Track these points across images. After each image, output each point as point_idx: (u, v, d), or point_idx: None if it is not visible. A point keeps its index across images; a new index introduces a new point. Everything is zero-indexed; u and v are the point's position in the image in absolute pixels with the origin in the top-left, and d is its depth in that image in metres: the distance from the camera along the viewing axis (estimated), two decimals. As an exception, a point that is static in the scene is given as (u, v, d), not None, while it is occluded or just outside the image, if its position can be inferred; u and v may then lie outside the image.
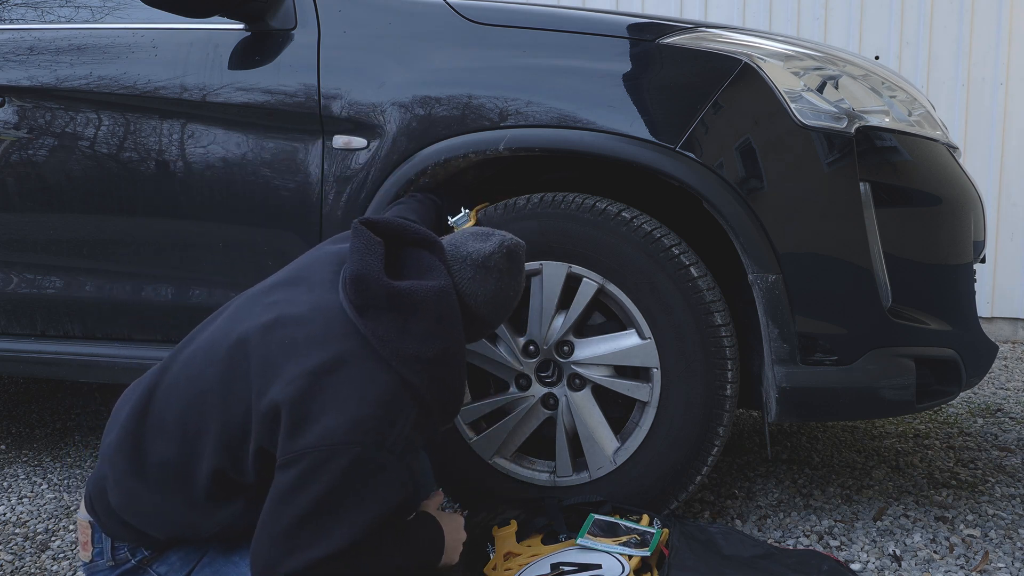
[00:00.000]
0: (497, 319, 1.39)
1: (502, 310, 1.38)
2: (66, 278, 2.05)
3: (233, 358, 1.22)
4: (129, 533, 1.30)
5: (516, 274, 1.39)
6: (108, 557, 1.32)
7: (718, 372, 1.65)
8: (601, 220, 1.66)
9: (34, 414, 2.92)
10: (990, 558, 1.73)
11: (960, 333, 1.74)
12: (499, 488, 1.80)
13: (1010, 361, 3.66)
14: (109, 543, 1.32)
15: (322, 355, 1.18)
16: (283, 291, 1.30)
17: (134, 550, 1.31)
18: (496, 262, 1.34)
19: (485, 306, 1.34)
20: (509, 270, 1.36)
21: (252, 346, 1.21)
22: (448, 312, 1.27)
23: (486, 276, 1.33)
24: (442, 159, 1.72)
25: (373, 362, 1.19)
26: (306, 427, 1.14)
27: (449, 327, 1.27)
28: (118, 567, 1.31)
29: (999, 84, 3.98)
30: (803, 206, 1.62)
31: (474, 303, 1.33)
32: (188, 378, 1.26)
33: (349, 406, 1.15)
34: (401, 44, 1.79)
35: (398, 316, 1.22)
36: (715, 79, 1.63)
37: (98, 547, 1.33)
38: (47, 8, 2.13)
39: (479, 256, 1.33)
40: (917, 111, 1.84)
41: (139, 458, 1.27)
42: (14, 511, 2.06)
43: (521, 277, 1.41)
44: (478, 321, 1.36)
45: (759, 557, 1.59)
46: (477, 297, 1.33)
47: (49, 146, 2.00)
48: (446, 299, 1.27)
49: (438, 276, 1.29)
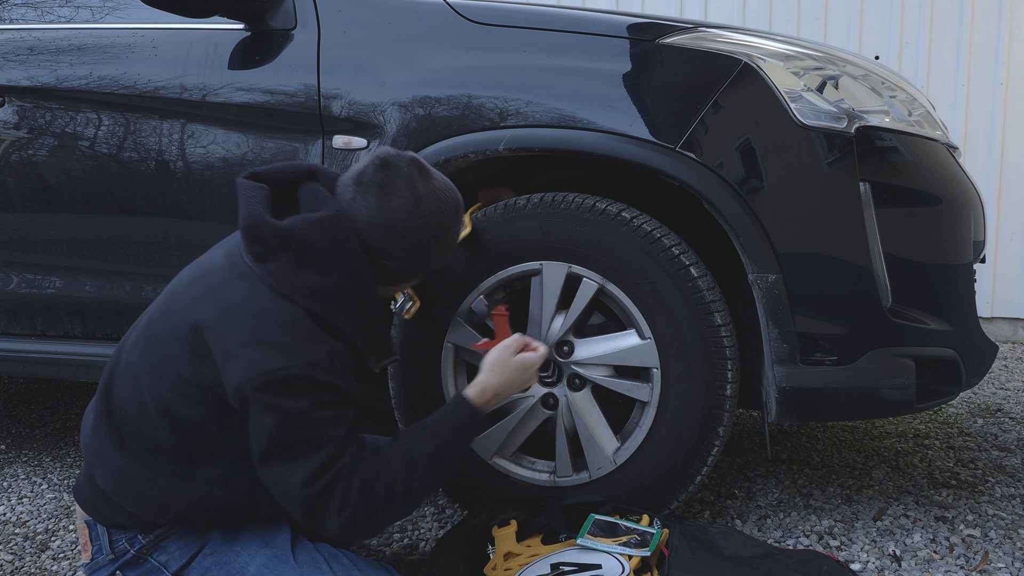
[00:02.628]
0: (399, 248, 1.30)
1: (396, 236, 1.29)
2: (66, 278, 2.05)
3: (166, 314, 1.29)
4: (124, 517, 1.31)
5: (399, 189, 1.28)
6: (107, 551, 1.33)
7: (718, 372, 1.65)
8: (601, 220, 1.66)
9: (34, 414, 2.92)
10: (990, 558, 1.73)
11: (960, 333, 1.74)
12: (499, 488, 1.80)
13: (1010, 361, 3.66)
14: (107, 537, 1.33)
15: (235, 296, 1.22)
16: (206, 256, 1.36)
17: (132, 540, 1.32)
18: (369, 176, 1.28)
19: (374, 230, 1.28)
20: (389, 184, 1.28)
21: (178, 302, 1.27)
22: (340, 238, 1.25)
23: (365, 194, 1.28)
24: (442, 159, 1.72)
25: (281, 301, 1.22)
26: (234, 363, 1.18)
27: (344, 254, 1.25)
28: (118, 559, 1.32)
29: (999, 84, 3.98)
30: (803, 206, 1.62)
31: (361, 228, 1.28)
32: (137, 345, 1.32)
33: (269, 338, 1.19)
34: (401, 44, 1.79)
35: (292, 254, 1.23)
36: (715, 79, 1.63)
37: (96, 544, 1.34)
38: (47, 8, 2.13)
39: (354, 173, 1.30)
40: (917, 111, 1.84)
41: (115, 435, 1.31)
42: (14, 511, 2.06)
43: (409, 194, 1.29)
44: (375, 251, 1.30)
45: (759, 557, 1.59)
46: (360, 220, 1.28)
47: (49, 146, 2.00)
48: (332, 226, 1.24)
49: (325, 205, 1.27)
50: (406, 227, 1.29)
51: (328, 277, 1.23)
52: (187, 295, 1.27)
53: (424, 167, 1.33)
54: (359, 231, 1.28)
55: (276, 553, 1.33)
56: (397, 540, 1.86)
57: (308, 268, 1.23)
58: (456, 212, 1.37)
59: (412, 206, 1.29)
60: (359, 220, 1.28)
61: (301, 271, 1.22)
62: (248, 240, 1.25)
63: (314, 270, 1.23)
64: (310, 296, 1.22)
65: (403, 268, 1.34)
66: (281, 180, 1.33)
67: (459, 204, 1.38)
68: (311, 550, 1.36)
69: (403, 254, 1.31)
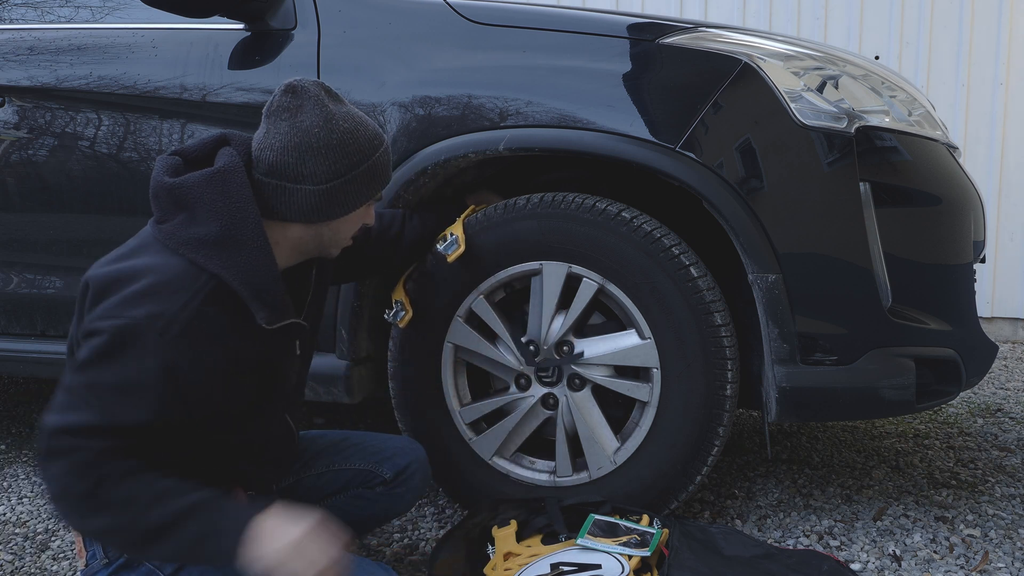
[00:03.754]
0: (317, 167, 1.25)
1: (311, 153, 1.24)
2: (66, 278, 2.05)
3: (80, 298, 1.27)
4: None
5: (308, 109, 1.25)
6: (101, 555, 1.32)
7: (718, 372, 1.65)
8: (601, 220, 1.66)
9: (34, 414, 2.92)
10: (990, 558, 1.73)
11: (960, 333, 1.74)
12: (499, 488, 1.80)
13: (1010, 361, 3.66)
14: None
15: (126, 254, 1.23)
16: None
17: None
18: (277, 102, 1.26)
19: (289, 153, 1.24)
20: (298, 106, 1.24)
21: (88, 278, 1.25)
22: (228, 187, 1.22)
23: (276, 121, 1.26)
24: (442, 159, 1.72)
25: (165, 255, 1.21)
26: (95, 307, 1.18)
27: (230, 202, 1.22)
28: (112, 563, 1.31)
29: (999, 84, 3.98)
30: (803, 206, 1.62)
31: (276, 158, 1.24)
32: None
33: (131, 287, 1.17)
34: (401, 44, 1.79)
35: (185, 210, 1.22)
36: (715, 79, 1.63)
37: (91, 550, 1.33)
38: (47, 8, 2.13)
39: (264, 110, 1.29)
40: (917, 111, 1.84)
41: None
42: (14, 511, 2.06)
43: (320, 111, 1.25)
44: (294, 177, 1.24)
45: (759, 557, 1.59)
46: (274, 149, 1.24)
47: (49, 146, 2.00)
48: (222, 175, 1.23)
49: (221, 158, 1.26)
50: (320, 143, 1.24)
51: (212, 225, 1.21)
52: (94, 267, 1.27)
53: (335, 93, 1.30)
54: (274, 161, 1.25)
55: None
56: (397, 540, 1.86)
57: (195, 222, 1.22)
58: (376, 136, 1.32)
59: (323, 121, 1.24)
60: (273, 148, 1.25)
61: (192, 226, 1.22)
62: (153, 204, 1.26)
63: (200, 222, 1.22)
64: (193, 246, 1.21)
65: (326, 193, 1.27)
66: (199, 153, 1.32)
67: (380, 133, 1.33)
68: None
69: (322, 174, 1.25)
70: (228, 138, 1.34)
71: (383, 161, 1.34)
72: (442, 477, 1.85)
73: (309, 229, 1.32)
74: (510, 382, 1.79)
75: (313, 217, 1.29)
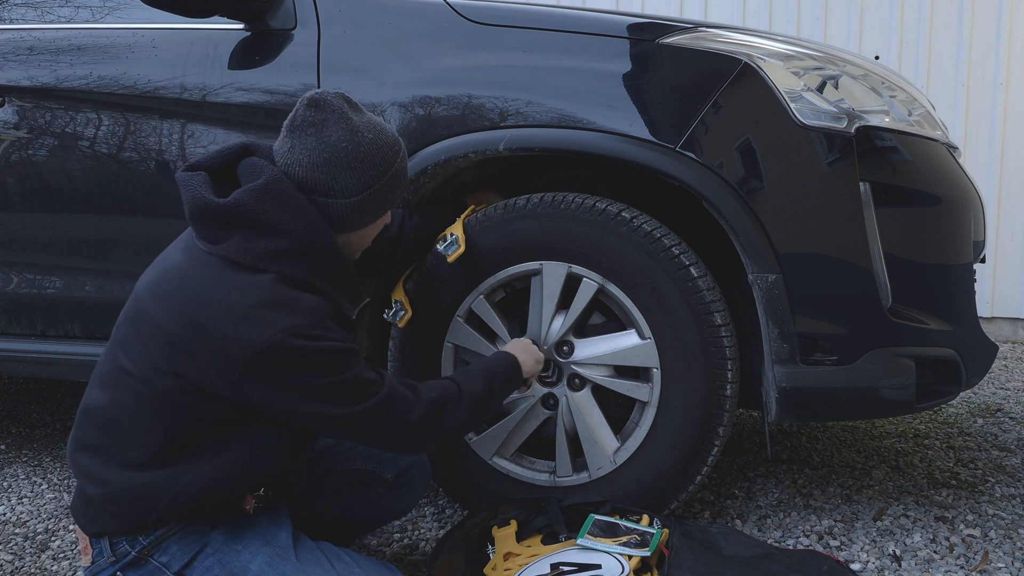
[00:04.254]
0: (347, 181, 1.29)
1: (341, 168, 1.28)
2: (66, 278, 2.05)
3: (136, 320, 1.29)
4: (117, 522, 1.31)
5: (333, 123, 1.28)
6: (108, 554, 1.32)
7: (718, 372, 1.65)
8: (601, 220, 1.66)
9: (34, 414, 2.92)
10: (990, 558, 1.73)
11: (960, 333, 1.74)
12: (499, 488, 1.80)
13: (1010, 361, 3.66)
14: (107, 539, 1.33)
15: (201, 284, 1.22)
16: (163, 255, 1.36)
17: (132, 541, 1.32)
18: (301, 117, 1.28)
19: (318, 168, 1.27)
20: (323, 120, 1.27)
21: (146, 304, 1.27)
22: (285, 198, 1.25)
23: (302, 136, 1.28)
24: (442, 159, 1.72)
25: (247, 274, 1.22)
26: (217, 349, 1.19)
27: (294, 211, 1.25)
28: (119, 560, 1.32)
29: (999, 84, 3.98)
30: (803, 206, 1.62)
31: (305, 172, 1.27)
32: (111, 356, 1.32)
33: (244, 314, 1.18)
34: (401, 44, 1.79)
35: (245, 227, 1.23)
36: (715, 79, 1.63)
37: (97, 547, 1.34)
38: (47, 8, 2.13)
39: (286, 124, 1.31)
40: (917, 111, 1.84)
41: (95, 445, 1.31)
42: (14, 511, 2.06)
43: (345, 124, 1.28)
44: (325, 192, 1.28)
45: (759, 557, 1.59)
46: (303, 164, 1.27)
47: (49, 146, 2.00)
48: (274, 188, 1.25)
49: (263, 171, 1.27)
50: (348, 157, 1.28)
51: (286, 237, 1.24)
52: (154, 296, 1.26)
53: (354, 101, 1.33)
54: (304, 178, 1.28)
55: (278, 552, 1.32)
56: (397, 540, 1.86)
57: (264, 235, 1.23)
58: (396, 143, 1.36)
59: (350, 135, 1.28)
60: (302, 164, 1.28)
61: (259, 239, 1.23)
62: (197, 225, 1.26)
63: (270, 234, 1.23)
64: (275, 259, 1.23)
65: (357, 205, 1.32)
66: (220, 165, 1.33)
67: (398, 139, 1.37)
68: (313, 548, 1.36)
69: (353, 187, 1.30)
70: (251, 148, 1.35)
71: (404, 166, 1.39)
72: (442, 477, 1.85)
73: (340, 238, 1.36)
74: (510, 382, 1.79)
75: (345, 227, 1.34)
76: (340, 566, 1.33)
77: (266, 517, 1.41)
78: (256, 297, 1.19)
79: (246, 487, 1.40)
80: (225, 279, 1.21)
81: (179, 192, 1.91)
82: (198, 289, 1.22)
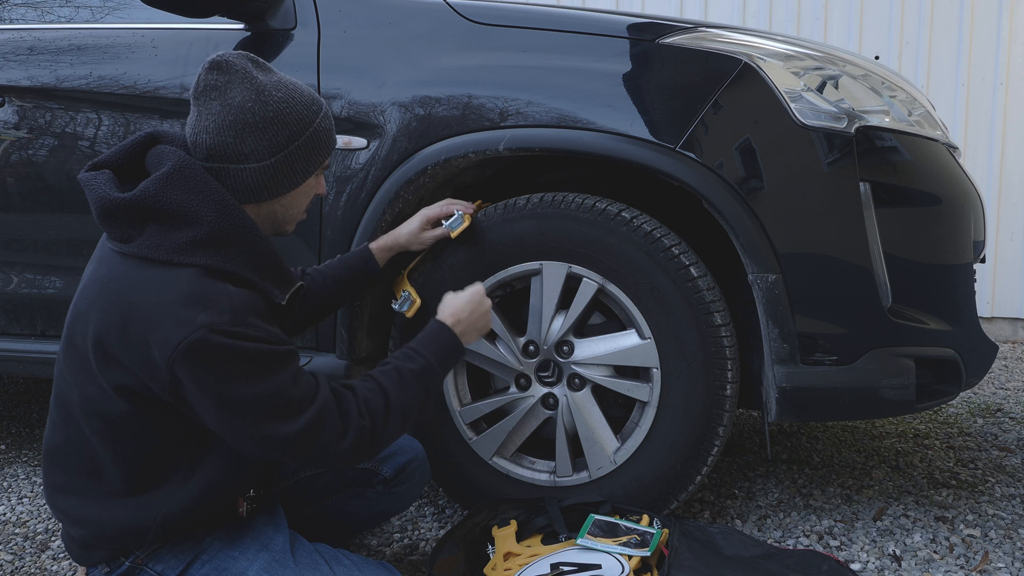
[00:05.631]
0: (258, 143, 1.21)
1: (249, 129, 1.20)
2: (66, 278, 2.05)
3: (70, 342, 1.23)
4: (114, 553, 1.30)
5: (236, 84, 1.20)
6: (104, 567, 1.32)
7: (718, 372, 1.65)
8: (601, 220, 1.66)
9: (34, 414, 2.92)
10: (990, 558, 1.73)
11: (960, 333, 1.74)
12: (499, 488, 1.80)
13: (1010, 361, 3.66)
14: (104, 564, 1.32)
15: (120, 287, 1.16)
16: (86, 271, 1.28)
17: (127, 553, 1.31)
18: (203, 82, 1.21)
19: (225, 132, 1.19)
20: (226, 83, 1.20)
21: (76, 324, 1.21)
22: (194, 183, 1.17)
23: (206, 102, 1.21)
24: (442, 159, 1.72)
25: (164, 270, 1.15)
26: (146, 351, 1.12)
27: (204, 196, 1.18)
28: (113, 572, 1.31)
29: (999, 84, 3.98)
30: (803, 206, 1.62)
31: (210, 140, 1.20)
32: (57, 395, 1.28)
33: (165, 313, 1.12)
34: (401, 44, 1.79)
35: (155, 220, 1.16)
36: (715, 79, 1.63)
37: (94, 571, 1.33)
38: (47, 8, 2.13)
39: (191, 93, 1.23)
40: (917, 111, 1.84)
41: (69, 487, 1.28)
42: (14, 511, 2.06)
43: (249, 84, 1.21)
44: (236, 157, 1.21)
45: (759, 557, 1.59)
46: (209, 131, 1.20)
47: (49, 146, 2.00)
48: (182, 173, 1.17)
49: (169, 158, 1.20)
50: (255, 118, 1.21)
51: (199, 225, 1.16)
52: (77, 318, 1.21)
53: (263, 63, 1.26)
54: (212, 144, 1.21)
55: (275, 556, 1.31)
56: (397, 540, 1.86)
57: (175, 226, 1.16)
58: (314, 102, 1.28)
59: (255, 95, 1.21)
60: (208, 131, 1.20)
61: (170, 231, 1.16)
62: (107, 226, 1.19)
63: (182, 224, 1.16)
64: (190, 251, 1.16)
65: (271, 168, 1.24)
66: (127, 159, 1.25)
67: (317, 98, 1.30)
68: (311, 551, 1.35)
69: (264, 149, 1.22)
70: (158, 136, 1.28)
71: (325, 126, 1.31)
72: (442, 477, 1.85)
73: (261, 208, 1.29)
74: (510, 382, 1.79)
75: (263, 195, 1.26)
76: (339, 569, 1.32)
77: (262, 519, 1.39)
78: (173, 293, 1.12)
79: (232, 497, 1.34)
80: (142, 279, 1.15)
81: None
82: (116, 293, 1.15)
